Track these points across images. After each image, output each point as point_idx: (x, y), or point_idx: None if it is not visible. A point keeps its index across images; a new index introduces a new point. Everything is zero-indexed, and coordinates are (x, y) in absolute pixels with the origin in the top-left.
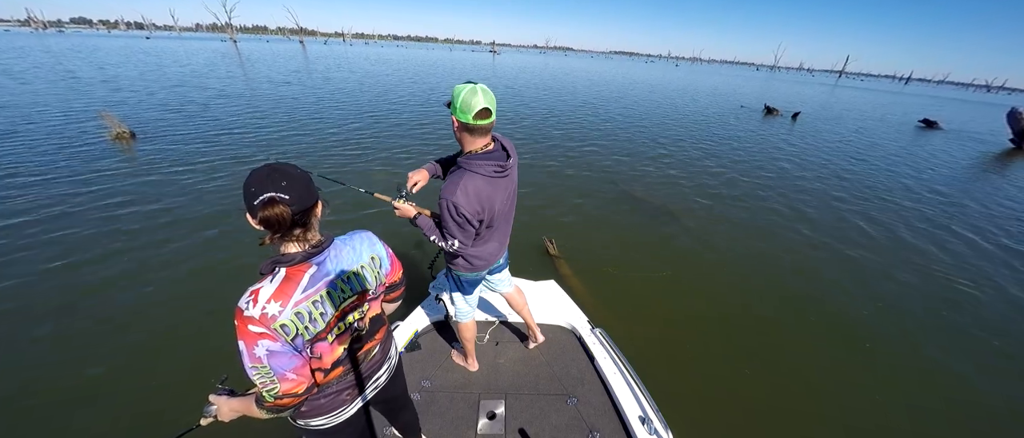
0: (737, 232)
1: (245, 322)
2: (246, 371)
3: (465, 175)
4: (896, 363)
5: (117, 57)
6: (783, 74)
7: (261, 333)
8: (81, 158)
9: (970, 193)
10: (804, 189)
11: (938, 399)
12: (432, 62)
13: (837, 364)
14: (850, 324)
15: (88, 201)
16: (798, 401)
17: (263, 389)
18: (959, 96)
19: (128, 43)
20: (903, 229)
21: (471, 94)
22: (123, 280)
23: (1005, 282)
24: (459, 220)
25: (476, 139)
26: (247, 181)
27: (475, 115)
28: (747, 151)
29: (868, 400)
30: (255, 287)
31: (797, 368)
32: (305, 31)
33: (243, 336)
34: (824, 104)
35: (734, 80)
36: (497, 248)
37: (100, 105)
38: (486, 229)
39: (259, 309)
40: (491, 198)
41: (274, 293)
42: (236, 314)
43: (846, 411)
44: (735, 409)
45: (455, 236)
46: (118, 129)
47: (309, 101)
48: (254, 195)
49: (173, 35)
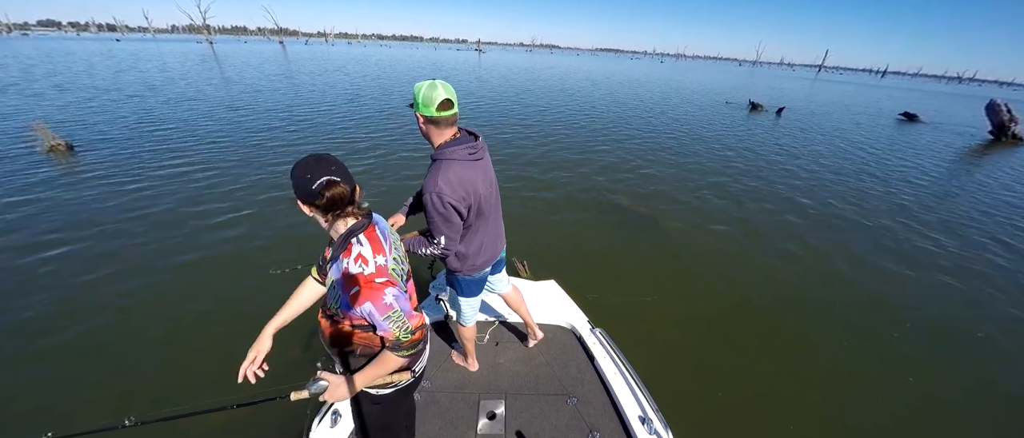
0: (733, 232)
1: (369, 281)
2: (380, 325)
3: (442, 164)
4: (898, 363)
5: (75, 61)
6: (765, 69)
7: (385, 282)
8: (3, 173)
9: (964, 186)
10: (796, 187)
11: (939, 401)
12: (415, 62)
13: (837, 364)
14: (851, 324)
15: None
16: (798, 401)
17: (400, 331)
18: (933, 88)
19: (95, 46)
20: (899, 227)
21: (430, 88)
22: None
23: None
24: (446, 211)
25: (443, 131)
26: (297, 171)
27: (437, 107)
28: (736, 150)
29: (868, 400)
30: (356, 254)
31: (797, 368)
32: (285, 31)
33: (370, 295)
34: (807, 98)
35: (718, 75)
36: (492, 244)
37: (43, 114)
38: (476, 219)
39: (374, 265)
40: (473, 182)
41: (373, 250)
42: (356, 281)
43: (846, 411)
44: (735, 409)
45: (442, 231)
46: (52, 141)
47: (278, 108)
48: (310, 181)
49: (146, 37)
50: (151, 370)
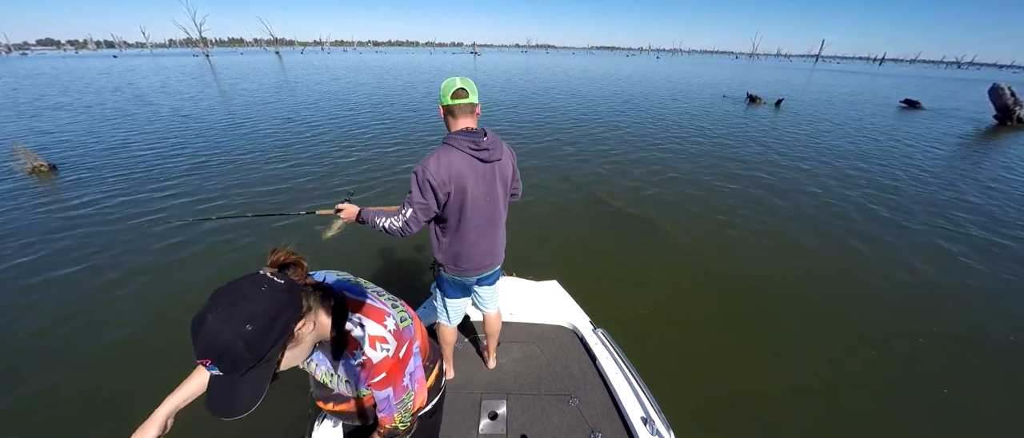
0: (737, 229)
1: (396, 363)
2: (387, 409)
3: (441, 148)
4: (902, 364)
5: (70, 80)
6: (762, 61)
7: (407, 351)
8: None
9: (971, 175)
10: (798, 181)
11: (940, 404)
12: (414, 67)
13: (841, 366)
14: (853, 325)
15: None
16: (801, 403)
17: (401, 417)
18: (932, 74)
19: (92, 64)
20: (908, 220)
21: (450, 82)
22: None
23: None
24: (423, 185)
25: (458, 121)
26: (230, 334)
27: (453, 95)
28: (735, 145)
29: (874, 402)
30: (370, 339)
31: (801, 369)
32: (282, 41)
33: (394, 379)
34: (805, 89)
35: (714, 69)
36: (481, 255)
37: (26, 135)
38: (459, 218)
39: (392, 340)
40: (462, 175)
41: (376, 318)
42: (382, 367)
43: (849, 413)
44: (738, 410)
45: (413, 204)
46: (34, 163)
47: (276, 118)
48: (265, 334)
49: (144, 53)
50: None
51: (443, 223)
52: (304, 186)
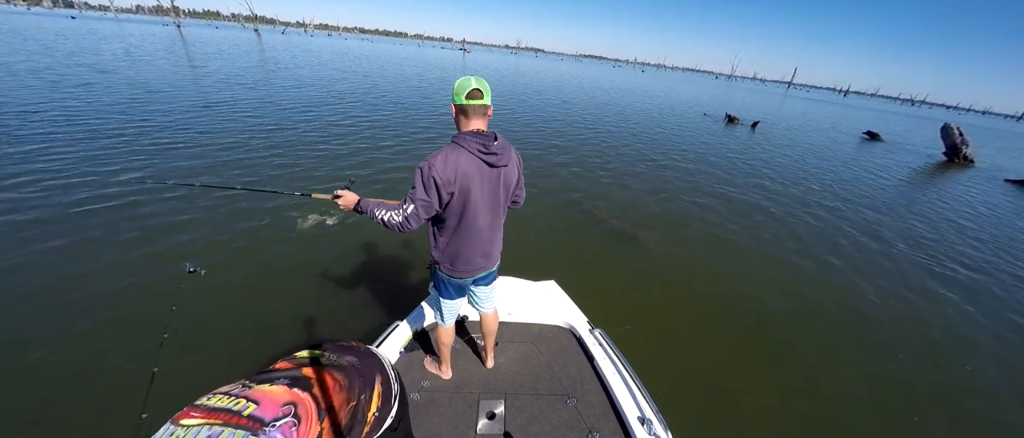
0: (729, 238)
1: None
2: None
3: (450, 146)
4: (897, 366)
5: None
6: (739, 83)
7: None
8: None
9: (929, 205)
10: (774, 197)
11: (939, 411)
12: (403, 58)
13: (835, 366)
14: (852, 324)
15: None
16: (796, 403)
17: None
18: (890, 109)
19: (46, 23)
20: (874, 240)
21: (465, 81)
22: None
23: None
24: (427, 182)
25: (470, 121)
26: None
27: (467, 95)
28: (717, 160)
29: (865, 403)
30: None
31: (796, 370)
32: (263, 19)
33: None
34: (778, 113)
35: (696, 87)
36: (479, 258)
37: None
38: (461, 218)
39: None
40: (467, 175)
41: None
42: None
43: (844, 413)
44: (735, 411)
45: (415, 200)
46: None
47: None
48: None
49: (107, 16)
50: None
51: (442, 223)
52: (294, 173)
